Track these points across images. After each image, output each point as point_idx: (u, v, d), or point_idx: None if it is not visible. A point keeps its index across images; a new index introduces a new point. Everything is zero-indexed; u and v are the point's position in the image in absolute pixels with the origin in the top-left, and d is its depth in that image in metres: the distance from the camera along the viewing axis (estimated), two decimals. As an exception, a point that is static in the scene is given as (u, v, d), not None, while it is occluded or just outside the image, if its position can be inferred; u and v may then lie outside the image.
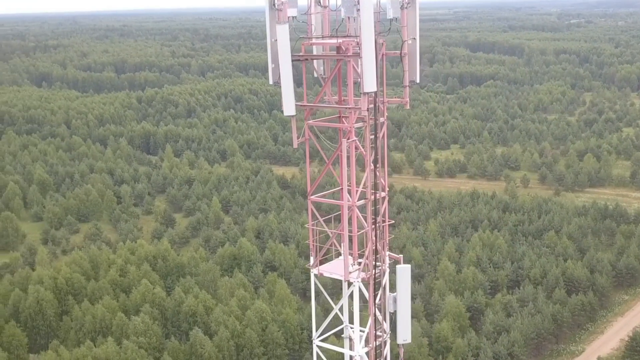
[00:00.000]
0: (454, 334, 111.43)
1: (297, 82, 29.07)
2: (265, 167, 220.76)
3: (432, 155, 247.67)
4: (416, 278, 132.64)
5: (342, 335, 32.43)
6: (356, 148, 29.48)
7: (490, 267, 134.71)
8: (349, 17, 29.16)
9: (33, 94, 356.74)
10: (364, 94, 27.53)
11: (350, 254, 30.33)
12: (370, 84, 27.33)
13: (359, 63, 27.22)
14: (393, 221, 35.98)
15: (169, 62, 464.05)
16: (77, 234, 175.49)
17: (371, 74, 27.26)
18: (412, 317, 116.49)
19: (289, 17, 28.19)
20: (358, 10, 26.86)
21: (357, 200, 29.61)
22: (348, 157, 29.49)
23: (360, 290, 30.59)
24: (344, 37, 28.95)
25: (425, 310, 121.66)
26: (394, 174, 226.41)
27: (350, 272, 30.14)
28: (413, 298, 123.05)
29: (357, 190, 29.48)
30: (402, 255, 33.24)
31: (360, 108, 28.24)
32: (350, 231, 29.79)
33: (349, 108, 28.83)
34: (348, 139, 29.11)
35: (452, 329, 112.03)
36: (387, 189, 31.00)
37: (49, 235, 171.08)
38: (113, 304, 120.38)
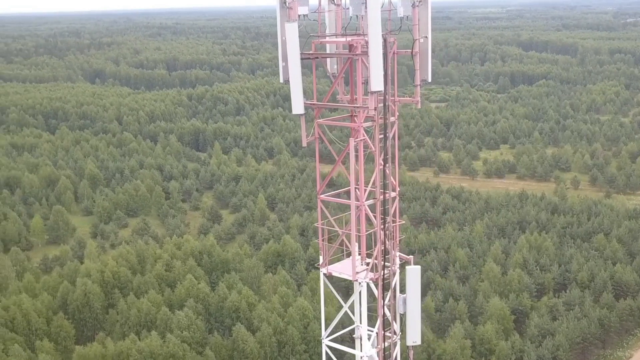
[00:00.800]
0: (498, 337, 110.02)
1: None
2: (311, 165, 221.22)
3: (480, 155, 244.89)
4: (461, 279, 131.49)
5: (354, 336, 32.26)
6: (367, 147, 29.24)
7: (536, 269, 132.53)
8: (357, 16, 28.92)
9: (86, 90, 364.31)
10: (372, 92, 27.34)
11: (359, 254, 30.22)
12: (377, 83, 27.12)
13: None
14: (403, 221, 35.67)
15: (219, 60, 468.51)
16: (125, 229, 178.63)
17: (378, 72, 27.05)
18: (456, 318, 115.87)
19: (299, 15, 28.10)
20: (367, 8, 26.66)
21: (368, 200, 29.24)
22: (358, 156, 29.30)
23: (372, 290, 30.41)
24: (353, 35, 28.75)
25: (469, 312, 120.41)
26: (441, 174, 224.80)
27: (357, 272, 29.95)
28: (457, 299, 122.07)
29: (365, 190, 29.27)
30: (412, 256, 32.91)
31: (367, 107, 28.05)
32: (358, 231, 29.59)
33: (357, 107, 28.63)
34: (356, 138, 28.91)
35: (496, 332, 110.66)
36: (397, 188, 30.72)
37: (98, 230, 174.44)
38: (158, 298, 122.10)
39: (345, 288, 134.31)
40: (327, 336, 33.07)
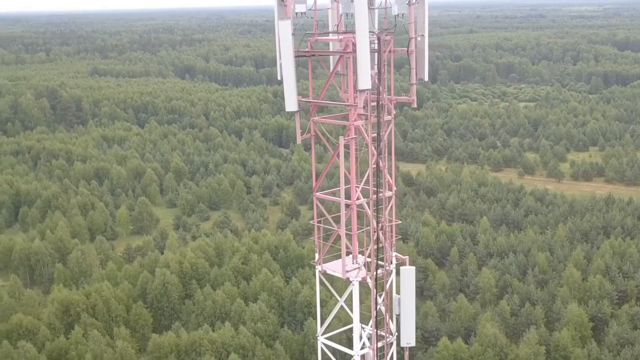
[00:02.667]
0: (574, 344, 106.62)
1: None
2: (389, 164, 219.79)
3: (568, 157, 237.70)
4: (539, 284, 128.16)
5: (353, 335, 31.80)
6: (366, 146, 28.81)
7: (619, 276, 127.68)
8: (346, 14, 28.52)
9: (176, 85, 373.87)
10: (360, 91, 26.93)
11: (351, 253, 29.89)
12: (364, 81, 26.70)
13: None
14: (400, 221, 34.97)
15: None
16: (207, 221, 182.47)
17: (365, 71, 26.63)
18: (532, 323, 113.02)
19: (297, 13, 27.95)
20: (354, 6, 26.25)
21: (361, 199, 28.82)
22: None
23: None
24: (346, 33, 28.38)
25: (546, 318, 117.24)
26: (525, 175, 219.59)
27: (348, 271, 29.60)
28: (534, 304, 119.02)
29: (358, 188, 28.88)
30: (407, 257, 32.22)
31: (356, 105, 27.66)
32: (350, 229, 29.22)
33: (347, 105, 28.30)
34: (347, 136, 28.60)
35: (573, 338, 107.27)
36: (394, 188, 30.14)
37: (180, 222, 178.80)
38: (233, 291, 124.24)
39: (420, 288, 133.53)
40: (323, 333, 32.64)
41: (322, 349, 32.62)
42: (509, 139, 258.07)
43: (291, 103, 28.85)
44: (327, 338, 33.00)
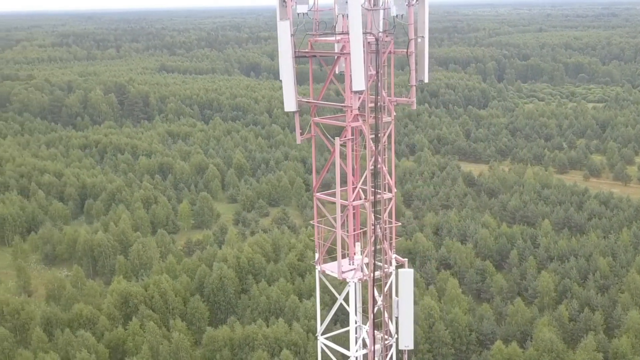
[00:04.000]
0: (634, 352, 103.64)
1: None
2: (452, 163, 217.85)
3: (636, 159, 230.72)
4: (600, 289, 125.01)
5: (356, 335, 31.54)
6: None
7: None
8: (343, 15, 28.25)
9: (241, 82, 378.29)
10: (354, 92, 26.68)
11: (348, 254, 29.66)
12: (358, 83, 26.49)
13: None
14: (400, 223, 34.47)
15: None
16: (266, 217, 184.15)
17: (359, 72, 26.37)
18: (590, 329, 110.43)
19: (299, 14, 27.91)
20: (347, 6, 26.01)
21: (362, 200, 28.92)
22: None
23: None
24: (342, 34, 28.15)
25: (605, 324, 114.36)
26: (591, 178, 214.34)
27: (344, 272, 29.38)
28: (593, 310, 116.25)
29: (354, 189, 28.66)
30: (406, 259, 31.74)
31: (351, 106, 27.47)
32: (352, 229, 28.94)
33: (343, 106, 28.13)
34: (343, 137, 28.45)
35: (632, 346, 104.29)
36: (394, 190, 29.79)
37: (240, 217, 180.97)
38: (288, 287, 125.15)
39: (477, 291, 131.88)
40: (323, 333, 32.48)
41: (322, 349, 32.59)
42: (575, 141, 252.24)
43: (290, 103, 29.03)
44: (327, 338, 32.95)
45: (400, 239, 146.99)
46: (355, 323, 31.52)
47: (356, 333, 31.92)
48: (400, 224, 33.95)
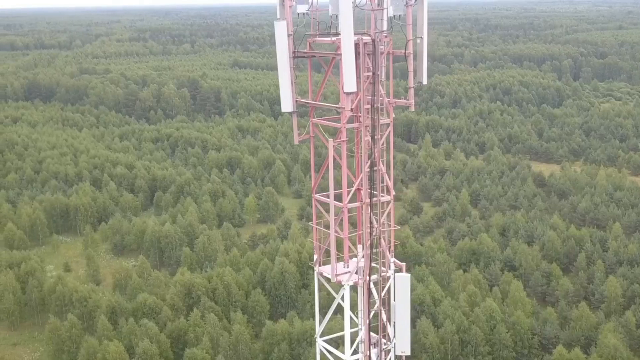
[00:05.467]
0: None
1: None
2: (523, 163, 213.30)
3: None
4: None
5: (358, 340, 30.88)
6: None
7: None
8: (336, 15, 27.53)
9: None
10: (346, 93, 26.01)
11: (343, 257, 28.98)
12: (350, 84, 25.83)
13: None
14: (398, 227, 33.52)
15: (442, 51, 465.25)
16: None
17: (351, 73, 25.68)
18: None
19: (299, 14, 27.44)
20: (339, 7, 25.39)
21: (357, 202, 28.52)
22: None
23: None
24: (337, 34, 27.45)
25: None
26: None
27: (338, 275, 28.73)
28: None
29: (349, 192, 27.96)
30: (404, 264, 30.80)
31: (344, 108, 26.84)
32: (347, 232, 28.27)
33: (337, 107, 27.51)
34: (337, 138, 27.81)
35: None
36: (392, 192, 28.97)
37: (304, 212, 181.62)
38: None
39: (542, 294, 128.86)
40: (320, 335, 31.91)
41: (320, 351, 32.17)
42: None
43: (287, 104, 28.73)
44: (327, 340, 32.47)
45: (398, 243, 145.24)
46: (352, 327, 31.02)
47: (358, 336, 31.44)
48: (398, 227, 33.50)
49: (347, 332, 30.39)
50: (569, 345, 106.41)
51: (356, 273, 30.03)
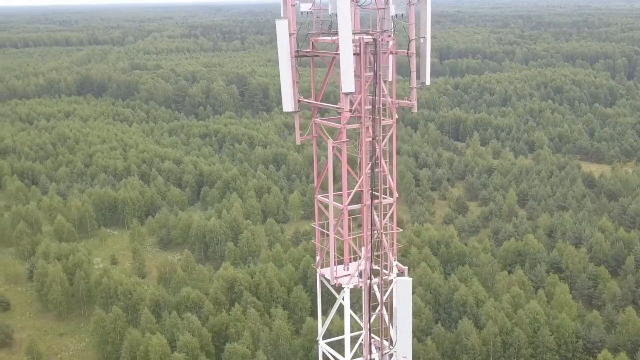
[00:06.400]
0: None
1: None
2: (572, 163, 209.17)
3: None
4: None
5: (361, 342, 30.24)
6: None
7: None
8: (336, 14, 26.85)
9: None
10: (344, 94, 25.37)
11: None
12: (348, 85, 25.16)
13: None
14: (401, 229, 32.59)
15: (493, 49, 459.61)
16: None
17: (348, 74, 25.03)
18: None
19: (302, 12, 26.90)
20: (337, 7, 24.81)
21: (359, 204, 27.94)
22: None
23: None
24: (337, 33, 26.79)
25: None
26: None
27: (338, 277, 28.07)
28: None
29: (350, 193, 27.28)
30: (407, 267, 29.93)
31: (342, 108, 26.22)
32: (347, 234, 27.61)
33: (337, 108, 26.82)
34: (337, 139, 27.13)
35: None
36: (395, 194, 28.21)
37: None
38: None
39: (589, 297, 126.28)
40: (324, 338, 31.26)
41: (323, 353, 31.70)
42: None
43: (288, 103, 28.29)
44: (329, 343, 32.03)
45: (399, 245, 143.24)
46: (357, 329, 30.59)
47: (362, 340, 30.98)
48: (401, 230, 32.70)
49: (347, 335, 30.00)
50: (615, 349, 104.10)
51: (359, 276, 29.52)
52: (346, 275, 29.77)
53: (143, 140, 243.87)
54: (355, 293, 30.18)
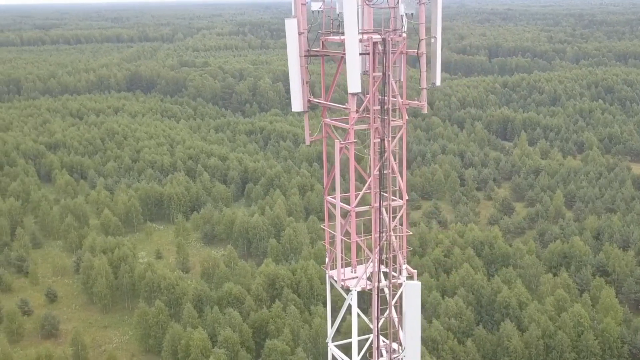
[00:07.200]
0: None
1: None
2: (622, 164, 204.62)
3: None
4: None
5: (352, 346, 29.67)
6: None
7: None
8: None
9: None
10: (350, 94, 24.82)
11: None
12: (354, 85, 24.61)
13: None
14: (411, 232, 31.73)
15: (543, 47, 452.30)
16: (417, 210, 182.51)
17: (355, 74, 24.45)
18: None
19: (313, 11, 26.43)
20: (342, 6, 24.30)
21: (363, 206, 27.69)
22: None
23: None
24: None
25: None
26: None
27: (345, 279, 27.48)
28: None
29: (356, 195, 26.67)
30: (416, 271, 29.13)
31: (349, 108, 25.70)
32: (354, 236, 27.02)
33: (344, 108, 26.26)
34: (345, 140, 26.55)
35: None
36: (405, 197, 27.43)
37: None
38: (431, 282, 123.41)
39: (636, 302, 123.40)
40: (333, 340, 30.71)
41: (332, 356, 31.31)
42: None
43: (297, 103, 27.94)
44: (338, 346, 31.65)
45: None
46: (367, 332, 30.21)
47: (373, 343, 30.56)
48: (410, 233, 31.93)
49: (354, 337, 29.85)
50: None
51: (368, 279, 29.18)
52: (353, 278, 29.45)
53: (190, 137, 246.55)
54: (367, 296, 29.89)
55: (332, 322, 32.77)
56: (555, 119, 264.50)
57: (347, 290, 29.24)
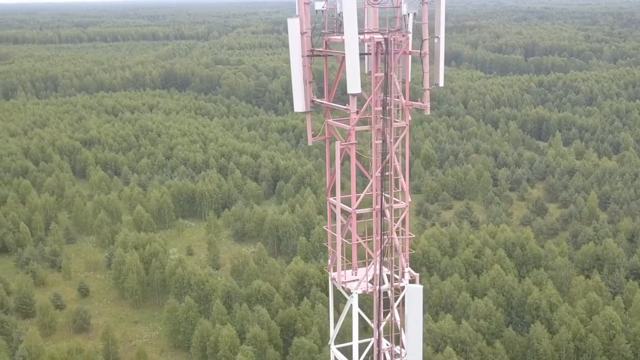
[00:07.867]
0: None
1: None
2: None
3: None
4: None
5: (353, 349, 29.21)
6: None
7: None
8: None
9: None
10: (350, 95, 24.38)
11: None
12: (354, 85, 24.18)
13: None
14: (413, 235, 31.10)
15: (580, 46, 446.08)
16: (449, 210, 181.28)
17: (354, 74, 23.99)
18: None
19: (317, 11, 26.06)
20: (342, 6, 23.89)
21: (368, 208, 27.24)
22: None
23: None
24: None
25: None
26: None
27: (346, 282, 27.02)
28: None
29: (357, 197, 26.16)
30: (418, 274, 28.54)
31: (349, 109, 25.28)
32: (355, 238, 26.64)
33: (345, 108, 25.82)
34: (346, 141, 26.08)
35: None
36: (408, 199, 26.89)
37: (422, 208, 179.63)
38: (461, 283, 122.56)
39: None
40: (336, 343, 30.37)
41: (335, 358, 30.98)
42: None
43: (299, 103, 27.67)
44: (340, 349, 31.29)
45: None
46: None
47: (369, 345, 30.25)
48: (413, 236, 31.44)
49: (355, 340, 29.72)
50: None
51: (370, 282, 28.90)
52: (355, 280, 29.23)
53: (223, 134, 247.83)
54: (372, 299, 29.65)
55: (335, 325, 32.43)
56: (591, 119, 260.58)
57: (349, 293, 28.95)
